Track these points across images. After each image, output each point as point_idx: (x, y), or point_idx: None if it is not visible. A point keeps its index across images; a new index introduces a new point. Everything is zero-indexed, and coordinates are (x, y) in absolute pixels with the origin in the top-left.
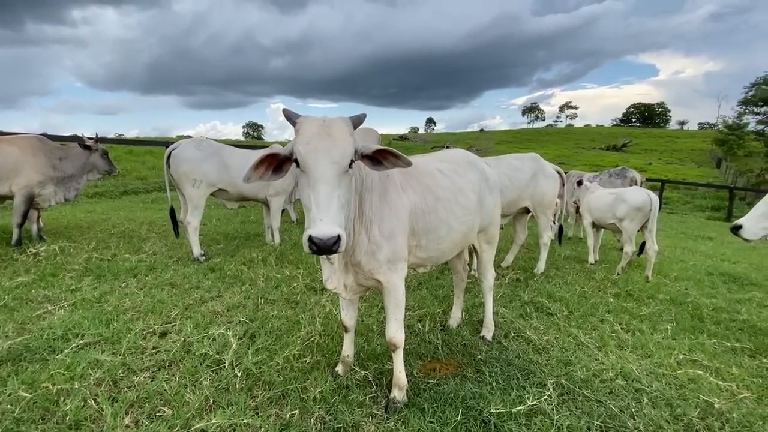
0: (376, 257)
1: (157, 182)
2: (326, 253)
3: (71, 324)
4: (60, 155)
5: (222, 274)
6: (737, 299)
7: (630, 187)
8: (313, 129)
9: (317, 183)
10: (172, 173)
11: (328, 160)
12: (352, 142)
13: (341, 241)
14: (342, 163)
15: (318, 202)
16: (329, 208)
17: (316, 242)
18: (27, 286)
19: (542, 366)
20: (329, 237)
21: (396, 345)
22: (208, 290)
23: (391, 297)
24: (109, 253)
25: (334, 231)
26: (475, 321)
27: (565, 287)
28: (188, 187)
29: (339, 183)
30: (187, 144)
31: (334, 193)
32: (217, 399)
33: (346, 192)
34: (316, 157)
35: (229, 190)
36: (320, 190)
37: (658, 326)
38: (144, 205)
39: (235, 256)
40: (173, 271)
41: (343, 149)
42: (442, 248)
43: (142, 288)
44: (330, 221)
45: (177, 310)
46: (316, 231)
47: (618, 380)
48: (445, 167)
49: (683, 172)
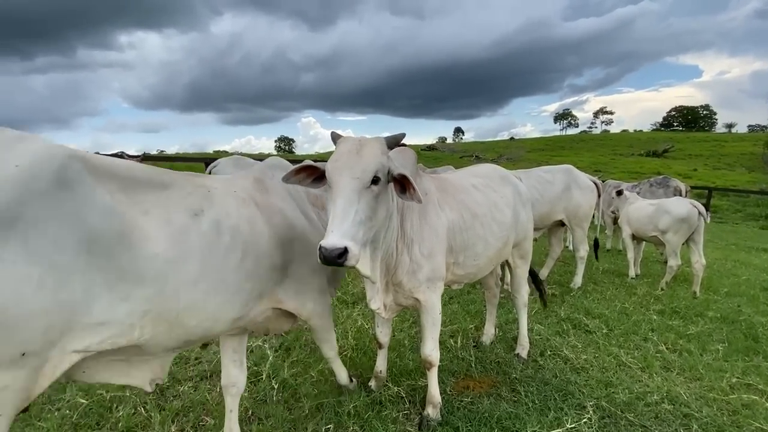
0: (416, 276)
1: None
2: (332, 264)
3: None
4: None
5: None
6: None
7: (674, 197)
8: (345, 148)
9: (336, 197)
10: None
11: (349, 175)
12: (379, 159)
13: (348, 254)
14: (363, 179)
15: (334, 215)
16: (343, 221)
17: (323, 252)
18: None
19: (581, 387)
20: (334, 248)
21: (432, 363)
22: None
23: (429, 316)
24: None
25: (341, 243)
26: (509, 338)
27: (604, 303)
28: None
29: (358, 198)
30: (227, 162)
31: (352, 208)
32: (256, 410)
33: (368, 209)
34: (339, 173)
35: None
36: (338, 204)
37: (708, 346)
38: None
39: None
40: None
41: (365, 165)
42: (479, 264)
43: None
44: (340, 234)
45: None
46: (324, 241)
47: (664, 404)
48: (479, 182)
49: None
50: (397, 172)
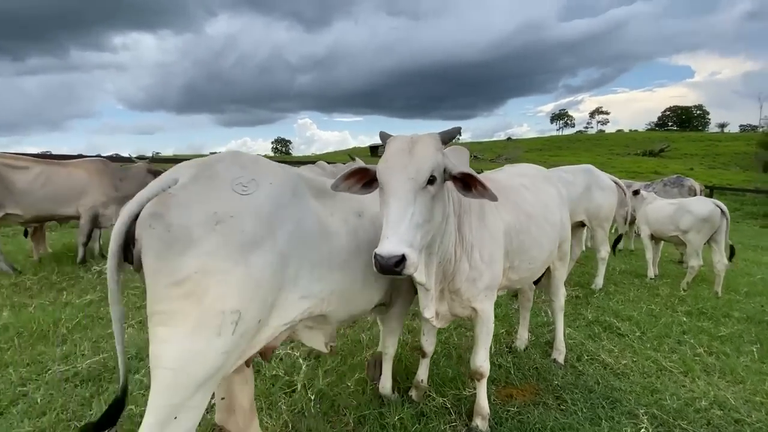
0: (476, 284)
1: None
2: (389, 273)
3: (143, 343)
4: (120, 176)
5: None
6: None
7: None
8: (396, 146)
9: (389, 198)
10: None
11: (402, 176)
12: (434, 158)
13: (406, 261)
14: (418, 179)
15: (388, 219)
16: (398, 225)
17: (380, 261)
18: (96, 304)
19: (626, 393)
20: (391, 256)
21: (483, 374)
22: None
23: (484, 326)
24: None
25: (398, 250)
26: (542, 342)
27: (629, 305)
28: None
29: (414, 200)
30: None
31: (407, 210)
32: (296, 424)
33: (425, 211)
34: (391, 174)
35: None
36: (392, 206)
37: (742, 348)
38: None
39: None
40: None
41: (420, 165)
42: (533, 268)
43: None
44: (397, 239)
45: None
46: (380, 248)
47: (714, 410)
48: (527, 183)
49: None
50: (456, 170)
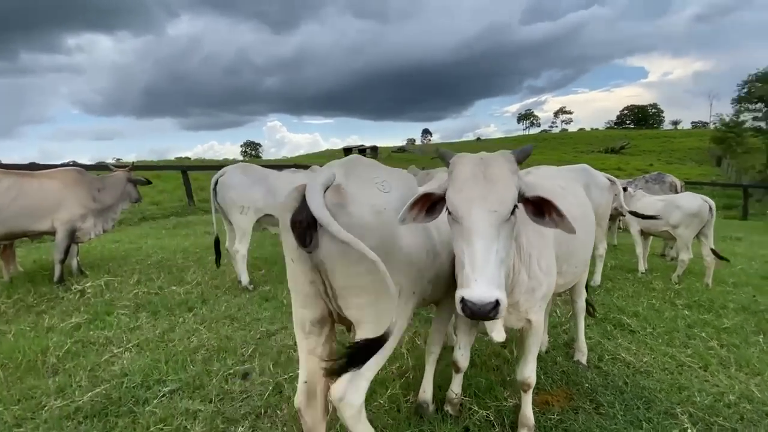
0: (534, 295)
1: (172, 207)
2: (482, 319)
3: (146, 368)
4: (98, 186)
5: (278, 303)
6: None
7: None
8: (468, 171)
9: (472, 236)
10: (220, 201)
11: (484, 209)
12: (514, 183)
13: (500, 306)
14: (501, 212)
15: (473, 260)
16: (486, 266)
17: (470, 306)
18: (83, 327)
19: (656, 392)
20: (486, 303)
21: (530, 385)
22: (270, 322)
23: (536, 337)
24: (155, 285)
25: (491, 295)
26: (560, 343)
27: (630, 300)
28: (236, 215)
29: (498, 235)
30: (234, 170)
31: (492, 248)
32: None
33: (507, 244)
34: (469, 207)
35: (276, 214)
36: (476, 245)
37: (749, 339)
38: (167, 231)
39: (283, 282)
40: (226, 303)
41: (502, 195)
42: (577, 272)
43: (202, 323)
44: (487, 282)
45: (249, 347)
46: (470, 293)
47: (743, 404)
48: (563, 185)
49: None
50: (532, 192)
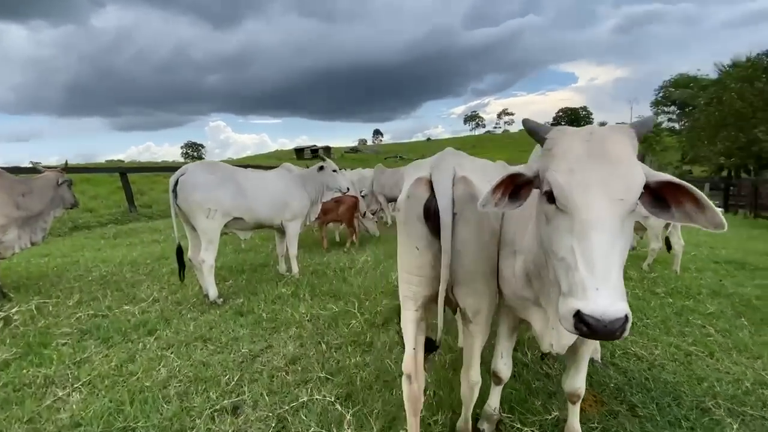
0: None
1: (109, 214)
2: (605, 338)
3: (105, 413)
4: (22, 190)
5: (256, 319)
6: (761, 285)
7: None
8: (578, 147)
9: (590, 231)
10: (181, 204)
11: (606, 196)
12: (639, 164)
13: (628, 323)
14: (628, 200)
15: (591, 261)
16: (610, 270)
17: (591, 323)
18: (13, 366)
19: (678, 385)
20: (613, 318)
21: (580, 396)
22: (251, 341)
23: (590, 344)
24: (102, 306)
25: (619, 309)
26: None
27: None
28: (201, 219)
29: (621, 230)
30: (197, 168)
31: (615, 247)
32: None
33: (628, 243)
34: (586, 193)
35: (246, 218)
36: (595, 243)
37: (735, 323)
38: (107, 241)
39: (257, 294)
40: (194, 322)
41: (630, 179)
42: None
43: (169, 348)
44: (612, 292)
45: (232, 374)
46: (592, 306)
47: (760, 389)
48: None
49: None
50: (658, 177)
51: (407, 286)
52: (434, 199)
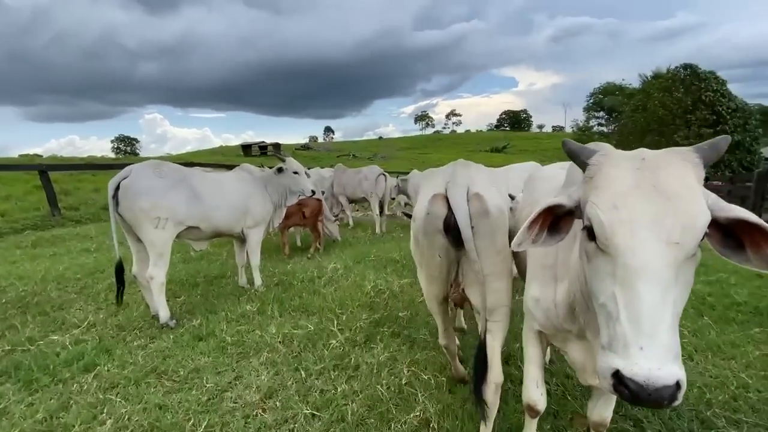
0: None
1: (26, 218)
2: (651, 406)
3: None
4: None
5: (218, 343)
6: (710, 281)
7: None
8: (626, 177)
9: (635, 280)
10: (124, 212)
11: (658, 239)
12: (703, 199)
13: (681, 390)
14: (686, 244)
15: (636, 314)
16: (657, 326)
17: (632, 388)
18: None
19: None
20: (660, 386)
21: (606, 425)
22: (216, 372)
23: None
24: (21, 336)
25: (670, 374)
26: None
27: None
28: (149, 230)
29: (676, 279)
30: (144, 170)
31: (668, 299)
32: None
33: (686, 292)
34: (632, 234)
35: (203, 226)
36: (642, 293)
37: (698, 322)
38: (24, 251)
39: (217, 313)
40: (143, 351)
41: (688, 217)
42: None
43: (113, 388)
44: (661, 352)
45: (197, 418)
46: (634, 368)
47: (746, 393)
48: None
49: None
50: (734, 213)
51: (430, 287)
52: (452, 215)
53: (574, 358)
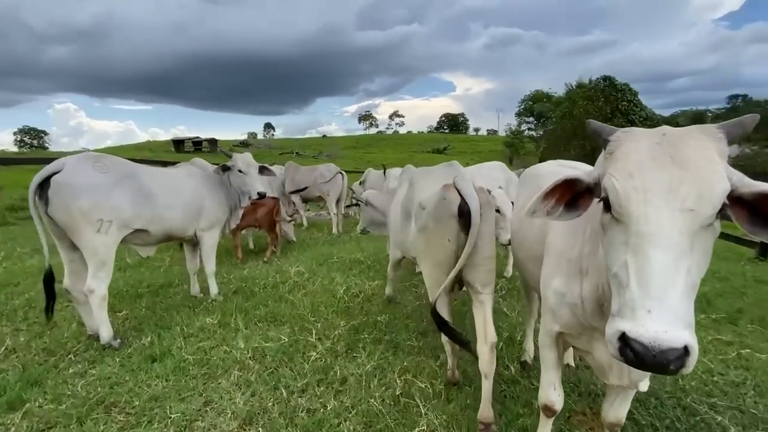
0: None
1: None
2: (657, 370)
3: None
4: None
5: (177, 364)
6: None
7: None
8: (644, 149)
9: (646, 246)
10: (56, 213)
11: (671, 206)
12: (722, 170)
13: (689, 357)
14: (701, 211)
15: (645, 278)
16: (667, 290)
17: (637, 350)
18: None
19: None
20: (666, 348)
21: (621, 426)
22: (179, 398)
23: None
24: None
25: (677, 337)
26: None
27: None
28: (89, 234)
29: (691, 247)
30: (80, 164)
31: (680, 265)
32: None
33: (703, 261)
34: (645, 201)
35: (152, 229)
36: (652, 258)
37: None
38: None
39: (170, 328)
40: (82, 380)
41: (704, 185)
42: None
43: (50, 429)
44: (669, 315)
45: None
46: (639, 329)
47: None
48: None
49: None
50: (753, 187)
51: (435, 271)
52: (465, 203)
53: (600, 358)
